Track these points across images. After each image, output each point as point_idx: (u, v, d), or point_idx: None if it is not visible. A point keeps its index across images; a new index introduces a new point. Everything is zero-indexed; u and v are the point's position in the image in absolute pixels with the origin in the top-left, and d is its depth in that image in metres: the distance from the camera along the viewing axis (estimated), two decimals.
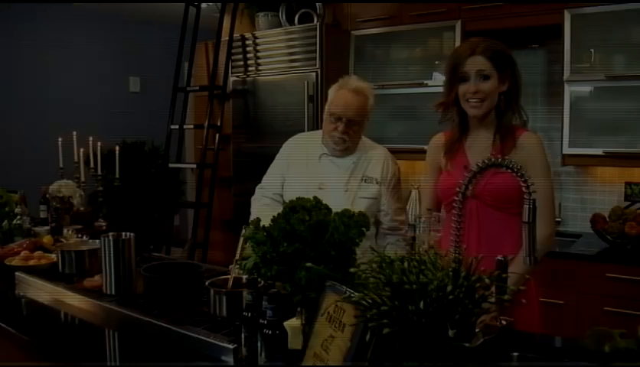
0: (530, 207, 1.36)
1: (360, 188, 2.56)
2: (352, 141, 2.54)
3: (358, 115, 2.48)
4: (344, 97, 2.48)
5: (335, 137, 2.50)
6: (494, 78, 2.06)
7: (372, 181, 2.57)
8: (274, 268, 1.55)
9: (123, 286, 2.16)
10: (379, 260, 1.30)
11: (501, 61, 2.07)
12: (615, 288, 3.04)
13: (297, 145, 2.72)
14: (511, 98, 2.10)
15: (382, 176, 2.59)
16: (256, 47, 4.42)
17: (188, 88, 4.78)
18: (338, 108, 2.48)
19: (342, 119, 2.47)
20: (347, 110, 2.46)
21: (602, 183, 3.68)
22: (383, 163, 2.61)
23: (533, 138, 2.10)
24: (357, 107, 2.48)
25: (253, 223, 1.62)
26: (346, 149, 2.55)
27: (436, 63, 4.02)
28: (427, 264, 1.23)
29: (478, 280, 1.12)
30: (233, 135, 4.60)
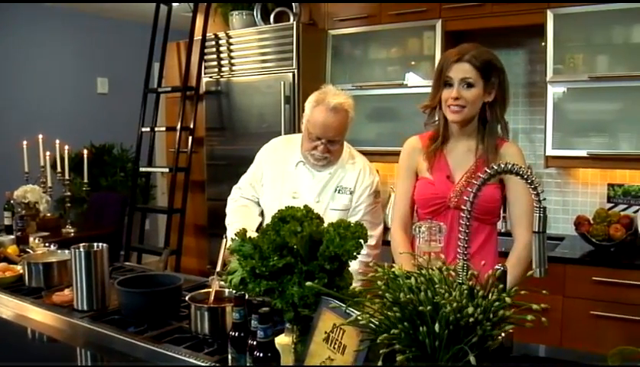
0: (540, 216, 1.27)
1: (333, 199, 2.42)
2: (334, 156, 2.42)
3: (339, 134, 2.35)
4: (322, 117, 2.30)
5: (316, 155, 2.37)
6: (479, 87, 2.04)
7: (345, 191, 2.43)
8: (263, 284, 1.43)
9: (96, 301, 2.02)
10: (382, 275, 1.19)
11: (488, 70, 2.04)
12: (601, 292, 2.99)
13: (275, 151, 2.58)
14: (496, 109, 2.09)
15: (356, 185, 2.43)
16: (230, 46, 4.28)
17: (160, 89, 4.62)
18: (317, 129, 2.32)
19: (322, 140, 2.33)
20: (327, 131, 2.31)
21: (584, 184, 3.64)
22: (359, 172, 2.45)
23: (515, 149, 2.13)
24: (338, 127, 2.32)
25: (239, 234, 1.50)
26: (328, 164, 2.42)
27: (412, 64, 3.94)
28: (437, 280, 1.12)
29: (497, 299, 1.02)
30: (207, 138, 4.45)
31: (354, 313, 1.23)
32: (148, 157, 4.80)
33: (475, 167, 2.09)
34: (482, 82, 2.03)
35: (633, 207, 3.39)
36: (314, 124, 2.32)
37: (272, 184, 2.49)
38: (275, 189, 2.48)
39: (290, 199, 2.39)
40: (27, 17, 5.67)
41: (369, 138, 4.12)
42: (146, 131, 4.66)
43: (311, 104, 2.36)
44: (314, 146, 2.35)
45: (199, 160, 4.49)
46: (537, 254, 1.32)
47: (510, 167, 1.23)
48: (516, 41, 3.74)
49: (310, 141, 2.36)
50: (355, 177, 2.43)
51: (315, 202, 2.39)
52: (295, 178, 2.46)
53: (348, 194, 2.42)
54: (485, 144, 2.08)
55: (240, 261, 1.47)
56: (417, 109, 3.84)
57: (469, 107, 2.04)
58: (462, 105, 2.03)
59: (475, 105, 2.05)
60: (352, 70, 4.15)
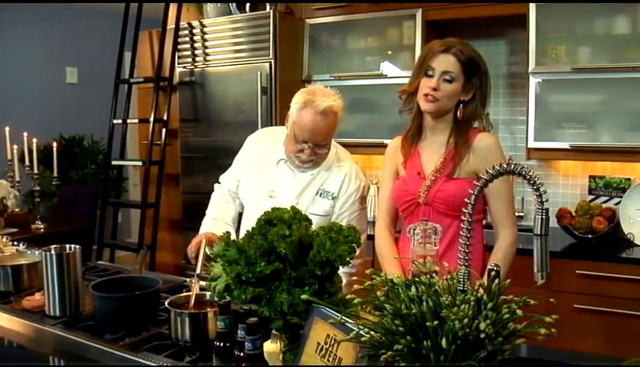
0: (542, 218, 1.21)
1: (313, 203, 2.26)
2: (321, 159, 2.25)
3: (326, 138, 2.17)
4: (310, 121, 2.10)
5: (302, 157, 2.20)
6: (459, 83, 1.98)
7: (327, 196, 2.26)
8: (249, 291, 1.35)
9: (69, 306, 1.91)
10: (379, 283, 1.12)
11: (471, 69, 1.99)
12: (585, 285, 2.97)
13: (257, 145, 2.43)
14: (474, 109, 2.02)
15: (340, 191, 2.27)
16: (204, 35, 4.15)
17: (132, 79, 4.47)
18: (304, 133, 2.13)
19: (309, 143, 2.15)
20: (315, 136, 2.13)
21: (565, 176, 3.62)
22: (345, 176, 2.28)
23: (489, 140, 2.02)
24: (326, 131, 2.14)
25: (223, 238, 1.41)
26: (313, 165, 2.26)
27: (392, 54, 3.87)
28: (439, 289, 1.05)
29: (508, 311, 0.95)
30: (181, 129, 4.33)
31: (348, 321, 1.16)
32: (121, 149, 4.65)
33: (442, 160, 2.03)
34: (463, 79, 1.98)
35: (614, 199, 3.38)
36: (301, 127, 2.13)
37: (251, 181, 2.37)
38: (253, 187, 2.36)
39: (266, 199, 2.27)
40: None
41: (347, 129, 4.02)
42: (118, 124, 4.51)
43: (298, 105, 2.15)
44: (300, 149, 2.18)
45: (173, 153, 4.37)
46: (538, 257, 1.27)
47: (512, 167, 1.17)
48: (497, 32, 3.69)
49: (296, 143, 2.18)
50: (340, 182, 2.27)
51: (293, 204, 2.27)
52: (274, 176, 2.31)
53: (330, 199, 2.27)
54: (455, 138, 2.02)
55: (224, 267, 1.38)
56: (396, 100, 3.82)
57: (444, 100, 1.98)
58: (437, 97, 1.97)
59: (450, 99, 1.99)
60: (330, 61, 4.06)
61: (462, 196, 1.90)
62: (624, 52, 3.13)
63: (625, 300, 2.89)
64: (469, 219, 1.17)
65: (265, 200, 2.27)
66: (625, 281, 2.89)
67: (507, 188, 2.02)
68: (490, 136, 2.04)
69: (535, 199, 1.26)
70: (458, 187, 1.95)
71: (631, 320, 2.88)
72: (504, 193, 2.00)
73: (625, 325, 2.89)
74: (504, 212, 2.01)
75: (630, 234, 3.20)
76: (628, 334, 2.88)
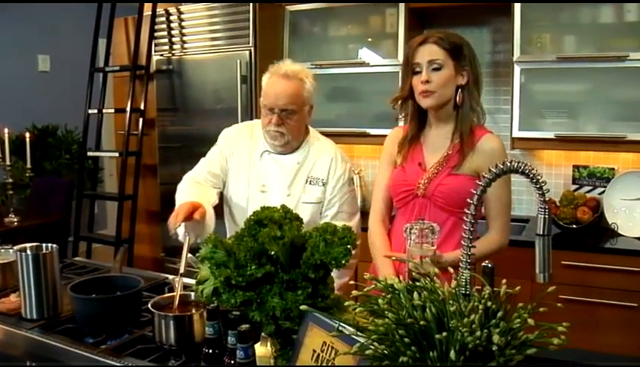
0: (545, 217, 1.16)
1: (304, 191, 2.26)
2: (292, 134, 2.21)
3: (292, 103, 2.15)
4: (274, 84, 2.16)
5: (271, 131, 2.19)
6: (449, 68, 1.92)
7: (317, 183, 2.26)
8: (239, 295, 1.28)
9: (47, 308, 1.83)
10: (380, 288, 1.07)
11: (457, 51, 1.93)
12: (570, 276, 2.95)
13: (239, 140, 2.35)
14: (471, 94, 1.96)
15: (329, 175, 2.27)
16: (182, 23, 4.04)
17: (107, 68, 4.33)
18: (269, 98, 2.16)
19: (275, 110, 2.15)
20: (278, 98, 2.14)
21: (549, 165, 3.60)
22: (331, 161, 2.28)
23: (494, 142, 1.98)
24: (291, 94, 2.15)
25: (211, 240, 1.34)
26: (286, 144, 2.23)
27: (374, 42, 3.81)
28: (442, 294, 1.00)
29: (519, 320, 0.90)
30: (158, 119, 4.22)
31: (346, 328, 1.10)
32: (96, 140, 4.53)
33: (448, 153, 1.98)
34: (452, 63, 1.92)
35: (598, 189, 3.37)
36: (266, 93, 2.18)
37: (238, 177, 2.31)
38: (242, 183, 2.30)
39: (258, 194, 2.24)
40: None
41: (328, 118, 3.98)
42: (93, 113, 4.38)
43: (265, 76, 2.24)
44: (269, 120, 2.18)
45: (150, 143, 4.26)
46: (540, 258, 1.23)
47: (516, 165, 1.12)
48: (482, 20, 3.63)
49: (265, 115, 2.20)
50: (327, 167, 2.27)
51: (285, 195, 2.23)
52: (261, 170, 2.28)
53: (321, 186, 2.26)
54: (459, 130, 1.97)
55: (211, 270, 1.32)
56: (379, 89, 3.78)
57: (440, 91, 1.93)
58: (432, 89, 1.92)
59: (446, 87, 1.93)
60: (311, 48, 3.98)
61: (462, 192, 1.87)
62: (609, 41, 3.11)
63: (610, 290, 2.89)
64: (472, 219, 1.12)
65: (257, 195, 2.24)
66: (610, 272, 2.89)
67: (503, 192, 1.96)
68: (495, 138, 1.99)
69: (537, 198, 1.22)
70: (460, 183, 1.91)
71: (616, 310, 2.88)
72: (498, 196, 1.95)
73: (610, 315, 2.89)
74: (495, 216, 1.98)
75: (614, 224, 3.20)
76: (613, 324, 2.88)
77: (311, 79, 2.23)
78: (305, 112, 2.24)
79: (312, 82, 2.23)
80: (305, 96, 2.20)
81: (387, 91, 3.70)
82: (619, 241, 3.09)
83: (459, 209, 1.88)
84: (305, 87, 2.19)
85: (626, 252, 2.94)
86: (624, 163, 3.38)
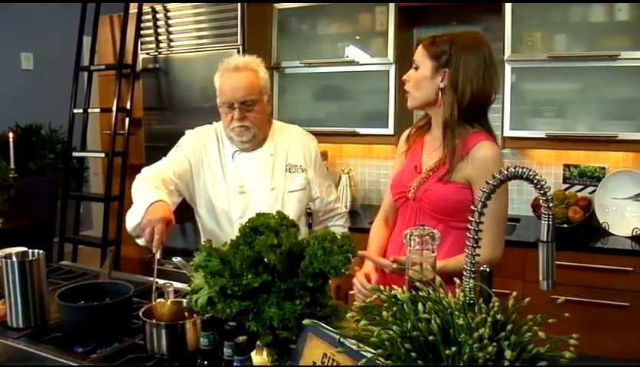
0: (549, 224, 1.14)
1: (287, 180, 2.24)
2: (257, 126, 2.17)
3: (250, 94, 2.11)
4: (227, 80, 2.12)
5: (235, 128, 2.14)
6: (425, 68, 1.84)
7: (297, 169, 2.27)
8: (235, 304, 1.24)
9: (34, 317, 1.77)
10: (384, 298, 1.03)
11: (439, 51, 1.82)
12: (562, 275, 2.92)
13: (203, 142, 2.27)
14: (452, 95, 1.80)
15: (305, 160, 2.29)
16: (169, 21, 3.97)
17: (92, 67, 4.25)
18: (225, 95, 2.12)
19: (234, 105, 2.11)
20: (235, 92, 2.10)
21: (539, 165, 3.59)
22: (303, 145, 2.31)
23: (488, 150, 1.80)
24: (245, 85, 2.10)
25: (205, 249, 1.30)
26: (254, 138, 2.18)
27: (364, 40, 3.78)
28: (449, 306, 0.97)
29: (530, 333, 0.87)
30: (145, 118, 4.15)
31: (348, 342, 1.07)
32: (82, 140, 4.44)
33: (438, 160, 1.89)
34: (430, 63, 1.83)
35: (589, 188, 3.37)
36: (221, 90, 2.14)
37: (214, 180, 2.24)
38: (220, 187, 2.23)
39: (239, 196, 2.19)
40: None
41: (317, 117, 3.95)
42: (79, 113, 4.31)
43: (216, 76, 2.18)
44: (230, 118, 2.13)
45: (136, 143, 4.19)
46: (544, 265, 1.21)
47: (520, 171, 1.09)
48: (472, 18, 3.61)
49: (225, 114, 2.15)
50: (301, 152, 2.29)
51: (270, 190, 2.20)
52: (236, 171, 2.23)
53: (301, 172, 2.27)
54: (446, 138, 1.85)
55: (206, 279, 1.28)
56: (368, 88, 3.75)
57: (412, 91, 1.88)
58: (407, 89, 1.90)
59: (418, 88, 1.86)
60: (299, 47, 3.94)
61: (449, 201, 1.83)
62: (600, 40, 3.10)
63: (602, 290, 2.88)
64: (476, 227, 1.09)
65: (238, 197, 2.19)
66: (601, 271, 2.88)
67: (495, 205, 1.72)
68: (489, 146, 1.81)
69: (542, 204, 1.20)
70: (448, 191, 1.83)
71: (608, 310, 2.88)
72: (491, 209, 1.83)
73: (602, 315, 2.89)
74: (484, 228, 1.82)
75: (605, 223, 3.19)
76: (605, 324, 2.88)
77: (263, 67, 2.20)
78: (265, 102, 2.19)
79: (265, 70, 2.20)
80: (262, 85, 2.16)
81: (377, 90, 3.70)
82: (610, 241, 3.09)
83: (448, 216, 1.85)
84: (260, 76, 2.16)
85: (617, 252, 2.93)
86: (614, 162, 3.37)
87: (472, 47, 1.82)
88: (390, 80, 3.60)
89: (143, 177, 2.11)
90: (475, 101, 1.81)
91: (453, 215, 1.85)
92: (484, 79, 1.81)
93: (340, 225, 2.47)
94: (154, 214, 1.85)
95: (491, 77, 1.83)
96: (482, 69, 1.80)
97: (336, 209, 2.46)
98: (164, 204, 1.91)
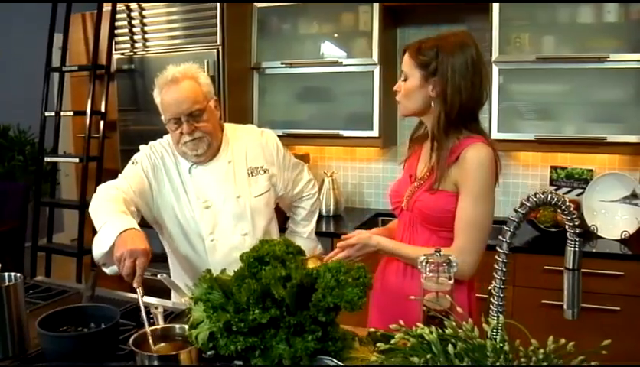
0: (574, 250, 1.06)
1: (250, 185, 2.13)
2: (210, 134, 2.05)
3: (195, 103, 1.98)
4: (167, 95, 2.00)
5: (187, 143, 2.02)
6: (414, 78, 1.78)
7: (259, 171, 2.16)
8: (240, 341, 1.15)
9: (12, 346, 1.65)
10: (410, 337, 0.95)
11: (425, 60, 1.75)
12: (552, 280, 2.91)
13: (160, 158, 2.13)
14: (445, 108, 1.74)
15: (266, 158, 2.19)
16: (144, 20, 3.83)
17: (64, 68, 4.08)
18: (169, 110, 2.00)
19: (181, 119, 1.99)
20: (179, 105, 1.97)
21: (525, 167, 3.56)
22: (261, 144, 2.20)
23: (475, 152, 1.71)
24: (188, 95, 1.98)
25: (205, 280, 1.20)
26: (209, 148, 2.06)
27: (347, 40, 3.69)
28: (481, 348, 0.89)
29: None
30: (120, 120, 4.00)
31: None
32: (54, 143, 4.26)
33: (428, 170, 1.83)
34: (419, 74, 1.76)
35: (576, 190, 3.34)
36: (165, 107, 2.01)
37: (178, 198, 2.11)
38: (183, 204, 2.10)
39: (204, 211, 2.07)
40: None
41: (299, 119, 3.86)
42: (50, 116, 4.13)
43: (156, 93, 2.05)
44: (179, 132, 2.00)
45: (111, 146, 4.03)
46: (569, 293, 1.14)
47: (548, 198, 1.02)
48: (458, 18, 3.54)
49: (174, 130, 2.02)
50: (260, 151, 2.18)
51: (235, 198, 2.08)
52: (196, 186, 2.10)
53: (263, 173, 2.17)
54: (433, 149, 1.80)
55: (207, 313, 1.18)
56: (351, 89, 3.66)
57: (403, 101, 1.83)
58: (398, 99, 1.84)
59: (408, 99, 1.81)
60: (281, 47, 3.83)
61: (438, 211, 1.76)
62: (589, 41, 3.07)
63: (592, 295, 2.85)
64: (504, 259, 1.01)
65: (204, 213, 2.07)
66: (591, 276, 2.84)
67: (473, 210, 1.72)
68: (479, 147, 1.71)
69: (568, 229, 1.12)
70: (437, 201, 1.76)
71: (599, 314, 2.85)
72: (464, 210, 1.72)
73: (593, 319, 2.85)
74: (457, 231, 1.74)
75: (593, 226, 3.17)
76: (596, 329, 2.84)
77: (202, 72, 2.08)
78: (212, 108, 2.07)
79: (205, 75, 2.09)
80: (205, 91, 2.04)
81: (361, 91, 3.62)
82: (599, 244, 3.06)
83: (439, 227, 1.79)
84: (201, 82, 2.04)
85: (607, 256, 2.91)
86: (601, 164, 3.36)
87: (459, 50, 1.73)
88: (374, 81, 3.53)
89: (104, 197, 1.96)
90: (465, 108, 1.75)
91: (444, 225, 1.79)
92: (474, 84, 1.74)
93: (302, 207, 2.38)
94: (134, 244, 1.71)
95: (480, 80, 1.76)
96: (471, 74, 1.73)
97: (304, 195, 2.38)
98: (140, 233, 1.77)
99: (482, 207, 1.72)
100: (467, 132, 1.77)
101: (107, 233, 1.77)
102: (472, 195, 1.72)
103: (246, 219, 2.11)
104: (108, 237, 1.76)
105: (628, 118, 3.06)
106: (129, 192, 2.01)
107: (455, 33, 1.80)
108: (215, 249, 2.08)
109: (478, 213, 1.72)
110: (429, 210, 1.78)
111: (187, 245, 2.13)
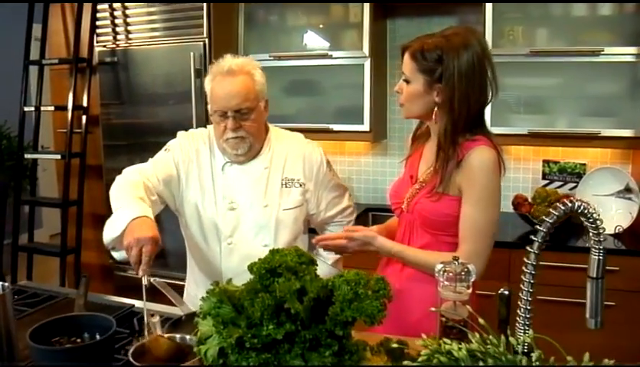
0: (599, 259, 1.02)
1: (281, 197, 2.02)
2: (253, 136, 1.97)
3: (245, 101, 1.91)
4: (220, 85, 1.91)
5: (229, 140, 1.95)
6: (417, 83, 1.70)
7: (294, 184, 2.05)
8: (252, 357, 1.08)
9: (1, 359, 1.57)
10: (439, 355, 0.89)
11: (429, 66, 1.67)
12: (547, 276, 2.88)
13: (195, 147, 2.06)
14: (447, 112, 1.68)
15: (305, 173, 2.06)
16: (126, 11, 3.71)
17: (44, 61, 3.94)
18: (218, 102, 1.92)
19: (227, 114, 1.91)
20: (230, 99, 1.90)
21: (517, 160, 3.53)
22: (304, 155, 2.07)
23: (479, 155, 1.66)
24: (240, 91, 1.90)
25: (214, 294, 1.13)
26: (250, 149, 1.98)
27: (337, 32, 3.62)
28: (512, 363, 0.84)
29: None
30: (102, 115, 3.88)
31: None
32: (34, 140, 4.13)
33: (431, 173, 1.77)
34: (422, 78, 1.69)
35: (569, 184, 3.32)
36: (215, 98, 1.93)
37: (204, 192, 2.03)
38: (209, 200, 2.03)
39: (228, 212, 2.00)
40: None
41: (287, 113, 3.78)
42: (30, 111, 4.00)
43: (207, 79, 1.97)
44: (223, 127, 1.93)
45: (94, 141, 3.92)
46: (592, 302, 1.10)
47: (576, 206, 0.96)
48: (450, 10, 3.49)
49: (218, 123, 1.94)
50: (301, 164, 2.06)
51: (262, 207, 2.00)
52: (225, 184, 2.02)
53: (298, 187, 2.05)
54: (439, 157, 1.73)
55: (217, 329, 1.11)
56: (341, 82, 3.60)
57: (407, 104, 1.76)
58: (401, 102, 1.77)
59: (412, 102, 1.74)
60: (268, 39, 3.75)
61: (440, 215, 1.71)
62: (583, 35, 3.04)
63: None
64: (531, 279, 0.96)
65: (227, 214, 2.00)
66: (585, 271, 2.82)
67: (479, 215, 1.67)
68: (483, 151, 1.66)
69: (592, 237, 1.07)
70: (439, 205, 1.71)
71: None
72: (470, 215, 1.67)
73: None
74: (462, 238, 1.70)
75: None
76: None
77: (259, 70, 1.99)
78: (262, 108, 1.99)
79: (261, 73, 2.00)
80: (258, 90, 1.96)
81: (351, 84, 3.56)
82: None
83: (439, 231, 1.75)
84: (256, 80, 1.96)
85: None
86: (593, 158, 3.34)
87: (463, 51, 1.65)
88: (364, 74, 3.47)
89: (125, 182, 1.92)
90: (473, 114, 1.69)
91: (444, 229, 1.74)
92: (481, 85, 1.68)
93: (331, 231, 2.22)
94: (141, 232, 1.66)
95: (487, 77, 1.70)
96: (477, 73, 1.66)
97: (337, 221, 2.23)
98: (151, 221, 1.72)
99: (488, 212, 1.68)
100: (470, 135, 1.71)
101: (119, 218, 1.74)
102: (477, 200, 1.67)
103: (270, 230, 2.01)
104: (119, 223, 1.73)
105: (622, 112, 3.05)
106: (154, 179, 1.98)
107: (457, 32, 1.71)
108: (231, 254, 2.01)
109: (484, 218, 1.68)
110: (429, 214, 1.73)
111: (203, 243, 2.07)
